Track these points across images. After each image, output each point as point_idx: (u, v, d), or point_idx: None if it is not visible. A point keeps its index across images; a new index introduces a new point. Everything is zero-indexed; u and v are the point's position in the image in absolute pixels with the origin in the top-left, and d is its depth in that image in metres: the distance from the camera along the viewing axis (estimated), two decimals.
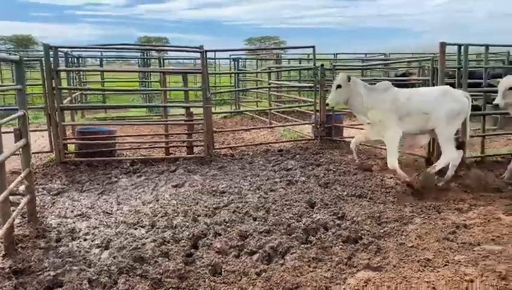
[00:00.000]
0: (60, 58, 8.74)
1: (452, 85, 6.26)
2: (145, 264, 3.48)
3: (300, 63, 14.48)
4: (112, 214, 4.78)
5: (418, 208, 4.71)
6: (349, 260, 3.56)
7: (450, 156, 5.40)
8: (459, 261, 3.47)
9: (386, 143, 5.69)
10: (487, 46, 6.52)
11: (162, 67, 11.94)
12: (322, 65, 8.00)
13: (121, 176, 6.29)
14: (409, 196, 5.16)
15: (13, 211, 3.83)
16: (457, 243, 3.81)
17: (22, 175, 3.98)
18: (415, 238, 3.91)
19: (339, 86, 5.72)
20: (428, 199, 5.03)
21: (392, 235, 4.04)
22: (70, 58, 11.65)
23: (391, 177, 6.00)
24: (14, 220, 3.80)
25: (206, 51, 7.13)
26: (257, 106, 12.85)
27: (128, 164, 6.75)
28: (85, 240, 4.06)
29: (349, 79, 5.66)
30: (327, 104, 6.05)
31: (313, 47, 7.97)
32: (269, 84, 10.56)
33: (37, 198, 4.87)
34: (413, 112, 5.47)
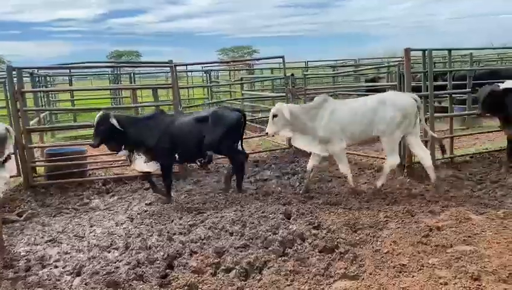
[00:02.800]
0: (26, 78, 8.54)
1: (419, 89, 6.44)
2: (119, 289, 3.38)
3: (272, 72, 14.57)
4: (84, 237, 4.65)
5: (392, 212, 4.77)
6: (326, 270, 3.56)
7: (391, 163, 5.43)
8: (433, 265, 3.52)
9: (334, 157, 5.61)
10: (450, 50, 6.72)
11: (132, 84, 11.77)
12: (292, 74, 8.07)
13: (93, 197, 6.14)
14: (382, 201, 5.21)
15: None
16: (431, 246, 3.87)
17: None
18: (390, 244, 3.95)
19: (274, 116, 5.47)
20: (401, 203, 5.10)
21: (367, 242, 4.06)
22: (37, 78, 11.38)
23: (365, 183, 6.09)
24: None
25: (175, 65, 7.08)
26: None
27: (100, 184, 6.60)
28: (56, 267, 3.92)
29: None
30: (266, 134, 5.71)
31: (282, 57, 8.04)
32: (242, 94, 10.57)
33: (4, 226, 4.70)
34: (354, 123, 5.38)
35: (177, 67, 14.33)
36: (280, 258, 3.76)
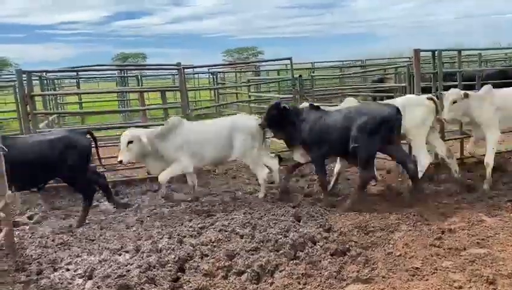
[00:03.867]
0: (35, 81, 8.59)
1: (429, 89, 6.39)
2: None
3: (278, 74, 14.57)
4: (94, 240, 4.65)
5: (403, 215, 4.73)
6: (339, 273, 3.53)
7: (260, 176, 5.63)
8: (447, 268, 3.49)
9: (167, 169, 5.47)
10: (459, 51, 6.67)
11: (140, 86, 11.81)
12: (300, 76, 8.05)
13: (102, 200, 6.15)
14: (393, 203, 5.17)
15: None
16: (444, 249, 3.83)
17: None
18: (402, 247, 3.92)
19: (130, 142, 5.25)
20: (412, 205, 5.05)
21: (379, 244, 4.03)
22: (45, 81, 11.45)
23: (374, 185, 6.05)
24: None
25: (184, 68, 7.09)
26: None
27: (109, 186, 6.60)
28: (67, 270, 3.92)
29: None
30: (120, 162, 5.41)
31: (290, 58, 8.02)
32: (249, 96, 10.57)
33: (15, 229, 4.73)
34: (206, 146, 5.44)
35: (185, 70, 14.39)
36: (291, 262, 3.74)
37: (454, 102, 5.36)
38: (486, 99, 5.44)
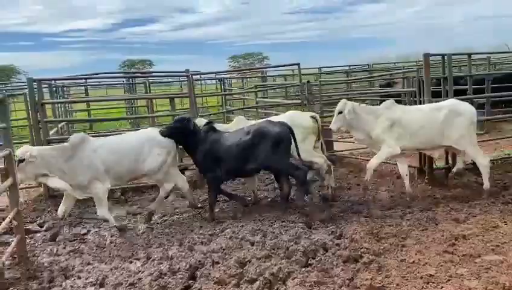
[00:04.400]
0: (44, 89, 8.65)
1: (439, 93, 6.34)
2: None
3: (285, 79, 14.55)
4: (105, 247, 4.66)
5: (415, 220, 4.68)
6: (352, 281, 3.49)
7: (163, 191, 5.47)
8: (462, 275, 3.44)
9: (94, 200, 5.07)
10: (469, 55, 6.63)
11: (148, 93, 11.87)
12: (308, 82, 8.04)
13: (112, 207, 6.16)
14: (405, 209, 5.12)
15: (2, 252, 3.71)
16: (458, 256, 3.78)
17: (11, 215, 3.86)
18: (415, 253, 3.87)
19: (21, 161, 4.46)
20: (424, 210, 5.00)
21: (392, 251, 3.99)
22: (54, 88, 11.54)
23: (385, 190, 6.00)
24: (4, 263, 3.68)
25: (192, 74, 7.11)
26: None
27: (119, 194, 6.63)
28: (79, 278, 3.92)
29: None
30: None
31: (298, 64, 8.02)
32: (257, 102, 10.57)
33: (26, 237, 4.74)
34: (118, 163, 5.09)
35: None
36: (304, 269, 3.71)
37: (340, 112, 5.41)
38: (382, 114, 5.37)
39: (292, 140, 5.21)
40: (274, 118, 5.78)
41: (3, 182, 3.93)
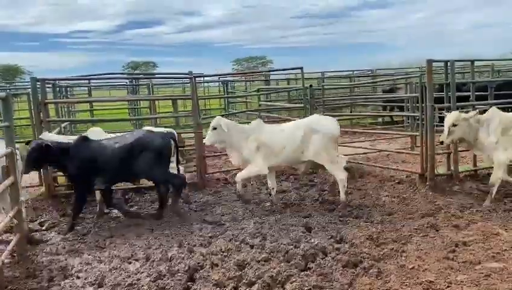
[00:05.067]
0: (48, 89, 8.69)
1: (441, 99, 6.34)
2: None
3: (288, 83, 14.57)
4: (104, 248, 4.66)
5: (415, 226, 4.66)
6: (351, 286, 3.49)
7: None
8: (462, 282, 3.42)
9: None
10: (472, 61, 6.62)
11: (151, 94, 11.89)
12: (311, 86, 8.05)
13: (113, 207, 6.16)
14: (405, 215, 5.11)
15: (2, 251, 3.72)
16: (458, 263, 3.77)
17: (11, 214, 3.86)
18: (415, 259, 3.86)
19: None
20: (425, 216, 4.99)
21: (391, 256, 3.98)
22: (58, 88, 11.57)
23: (386, 196, 5.98)
24: (3, 262, 3.68)
25: (195, 76, 7.13)
26: None
27: (119, 194, 6.63)
28: (78, 277, 3.93)
29: None
30: None
31: (301, 68, 8.03)
32: (259, 105, 10.57)
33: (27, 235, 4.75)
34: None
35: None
36: (303, 273, 3.70)
37: (214, 128, 5.49)
38: (250, 135, 5.51)
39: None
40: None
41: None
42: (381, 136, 9.86)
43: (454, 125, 5.30)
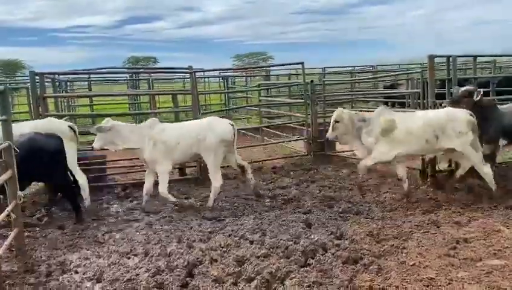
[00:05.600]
0: (47, 84, 8.65)
1: (443, 95, 6.29)
2: None
3: (289, 78, 14.52)
4: (103, 243, 4.63)
5: (416, 223, 4.64)
6: (351, 282, 3.45)
7: None
8: (463, 279, 3.39)
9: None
10: (475, 57, 6.57)
11: (151, 89, 11.84)
12: (312, 81, 8.00)
13: (112, 202, 6.15)
14: (406, 211, 5.08)
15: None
16: (459, 259, 3.74)
17: (9, 208, 3.83)
18: (416, 256, 3.83)
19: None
20: (426, 213, 4.96)
21: (392, 253, 3.95)
22: (58, 83, 11.53)
23: (386, 192, 5.95)
24: (1, 256, 3.65)
25: (195, 71, 7.08)
26: (248, 123, 12.81)
27: (119, 189, 6.61)
28: (76, 272, 3.90)
29: None
30: None
31: (302, 63, 7.98)
32: (260, 100, 10.54)
33: (25, 230, 4.72)
34: None
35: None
36: (302, 269, 3.67)
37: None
38: (146, 134, 5.50)
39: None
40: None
41: None
42: None
43: (336, 121, 5.41)
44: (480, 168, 5.19)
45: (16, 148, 3.93)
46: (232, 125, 5.72)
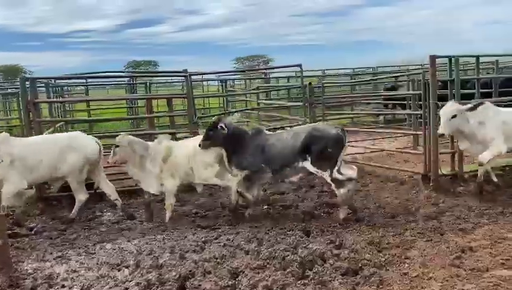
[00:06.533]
0: (42, 88, 8.50)
1: (445, 97, 6.10)
2: None
3: (288, 81, 14.35)
4: (94, 253, 4.45)
5: (420, 230, 4.44)
6: None
7: None
8: None
9: None
10: (478, 57, 6.39)
11: (148, 93, 11.68)
12: (310, 83, 7.83)
13: (105, 210, 5.97)
14: (408, 217, 4.89)
15: None
16: (465, 270, 3.54)
17: None
18: (419, 267, 3.64)
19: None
20: (429, 219, 4.77)
21: (394, 263, 3.76)
22: (54, 88, 11.39)
23: (387, 197, 5.76)
24: None
25: (190, 74, 6.92)
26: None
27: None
28: (63, 287, 3.71)
29: None
30: None
31: (300, 65, 7.81)
32: (258, 104, 10.37)
33: (14, 240, 4.57)
34: None
35: (193, 77, 14.27)
36: (299, 282, 3.49)
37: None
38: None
39: None
40: None
41: None
42: (383, 135, 9.62)
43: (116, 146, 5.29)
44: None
45: None
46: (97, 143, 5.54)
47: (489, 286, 3.24)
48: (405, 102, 11.55)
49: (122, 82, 15.24)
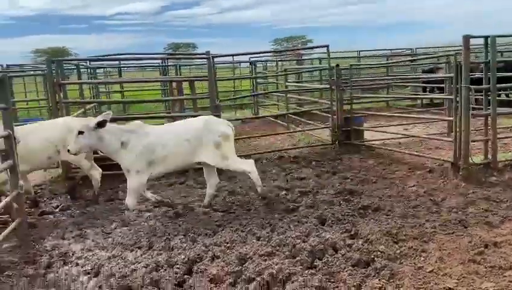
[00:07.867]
0: (72, 70, 8.71)
1: (481, 81, 5.69)
2: None
3: (320, 62, 13.98)
4: (110, 233, 4.55)
5: (442, 222, 4.20)
6: (358, 288, 3.14)
7: None
8: None
9: None
10: None
11: (178, 76, 11.72)
12: (337, 65, 7.54)
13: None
14: (431, 208, 4.64)
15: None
16: (485, 267, 3.31)
17: (8, 199, 3.79)
18: (436, 261, 3.44)
19: None
20: (453, 211, 4.50)
21: (409, 256, 3.57)
22: (88, 70, 11.66)
23: (413, 185, 5.50)
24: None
25: (213, 57, 6.84)
26: (278, 109, 12.48)
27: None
28: (77, 265, 3.82)
29: None
30: None
31: (327, 46, 7.53)
32: (286, 87, 10.16)
33: (41, 217, 4.74)
34: None
35: (225, 59, 14.13)
36: (307, 271, 3.38)
37: None
38: None
39: None
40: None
41: None
42: (416, 120, 9.20)
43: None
44: None
45: (16, 138, 3.87)
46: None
47: (509, 285, 3.01)
48: (443, 85, 10.99)
49: (156, 64, 15.44)
